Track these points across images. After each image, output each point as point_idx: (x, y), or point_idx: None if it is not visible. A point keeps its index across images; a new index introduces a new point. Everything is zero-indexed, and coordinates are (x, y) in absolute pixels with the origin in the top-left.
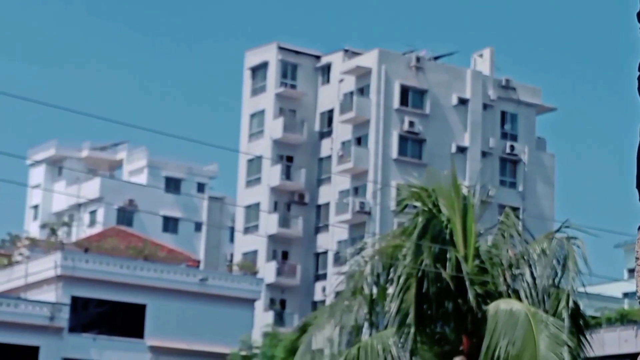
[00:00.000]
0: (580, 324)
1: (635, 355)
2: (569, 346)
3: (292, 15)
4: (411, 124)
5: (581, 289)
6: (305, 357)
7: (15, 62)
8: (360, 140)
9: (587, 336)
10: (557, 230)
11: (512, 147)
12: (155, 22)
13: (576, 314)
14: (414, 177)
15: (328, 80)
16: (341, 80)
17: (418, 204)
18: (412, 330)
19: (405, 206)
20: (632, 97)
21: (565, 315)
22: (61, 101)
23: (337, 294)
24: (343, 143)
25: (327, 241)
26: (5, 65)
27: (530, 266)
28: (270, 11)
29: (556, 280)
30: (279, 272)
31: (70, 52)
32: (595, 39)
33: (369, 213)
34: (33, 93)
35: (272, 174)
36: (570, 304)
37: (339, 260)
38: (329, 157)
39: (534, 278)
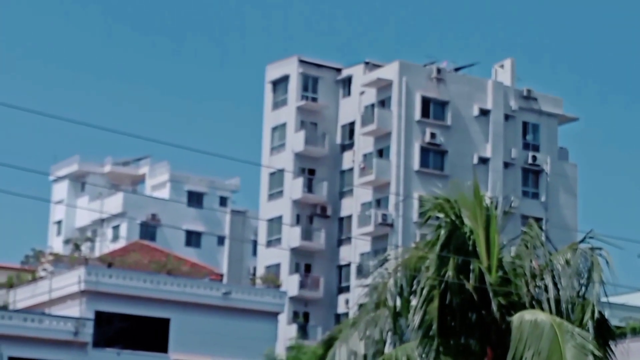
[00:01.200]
0: (605, 334)
1: None
2: (595, 356)
3: (312, 29)
4: (433, 135)
5: (605, 299)
6: None
7: (37, 77)
8: (382, 153)
9: (613, 346)
10: (582, 241)
11: (534, 158)
12: (176, 37)
13: (602, 324)
14: (437, 188)
15: (349, 93)
16: (362, 93)
17: (441, 215)
18: (436, 342)
19: (429, 218)
20: None
21: (590, 325)
22: (83, 117)
23: (361, 306)
24: (365, 155)
25: (349, 254)
26: (28, 81)
27: (554, 277)
28: (291, 25)
29: (581, 291)
30: (302, 285)
31: (91, 68)
32: (617, 48)
33: (391, 225)
34: (55, 109)
35: (294, 187)
36: (596, 314)
37: (361, 272)
38: (351, 169)
39: (558, 289)
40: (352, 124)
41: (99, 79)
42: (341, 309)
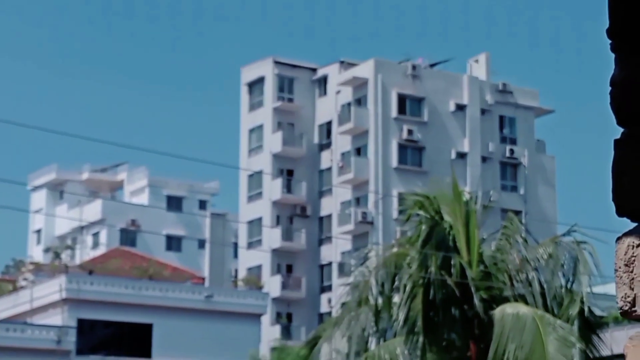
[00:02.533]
0: (591, 325)
1: None
2: (580, 348)
3: (286, 29)
4: (410, 132)
5: (588, 290)
6: None
7: (12, 87)
8: (359, 151)
9: (598, 337)
10: (565, 234)
11: (511, 151)
12: (150, 40)
13: (587, 315)
14: (416, 185)
15: (325, 92)
16: (338, 92)
17: (421, 212)
18: (421, 338)
19: (410, 216)
20: None
21: (576, 317)
22: (59, 125)
23: (343, 305)
24: (343, 154)
25: (330, 253)
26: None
27: (537, 270)
28: (265, 26)
29: (568, 284)
30: (284, 286)
31: (64, 74)
32: (591, 38)
33: (371, 223)
34: (30, 118)
35: (273, 188)
36: (585, 309)
37: (343, 271)
38: (329, 168)
39: (541, 282)
40: (329, 123)
41: (71, 86)
42: (324, 308)
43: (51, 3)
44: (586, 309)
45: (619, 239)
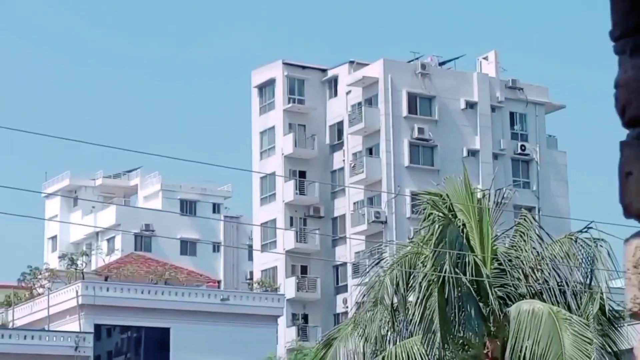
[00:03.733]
0: (610, 321)
1: None
2: (596, 343)
3: (295, 30)
4: (421, 130)
5: (607, 286)
6: None
7: (26, 95)
8: (371, 151)
9: (617, 331)
10: (581, 231)
11: (523, 147)
12: (160, 44)
13: (606, 311)
14: (428, 184)
15: (335, 93)
16: (348, 92)
17: (434, 211)
18: (438, 336)
19: (427, 215)
20: None
21: (593, 313)
22: (72, 132)
23: (359, 305)
24: (354, 154)
25: (345, 253)
26: (16, 99)
27: (554, 267)
28: (274, 28)
29: (587, 280)
30: (299, 287)
31: (76, 82)
32: (599, 32)
33: (384, 222)
34: (44, 126)
35: (285, 190)
36: (604, 303)
37: (358, 271)
38: (342, 169)
39: (558, 278)
40: (340, 124)
41: (84, 92)
42: (339, 308)
43: (63, 7)
44: (606, 305)
45: (626, 240)
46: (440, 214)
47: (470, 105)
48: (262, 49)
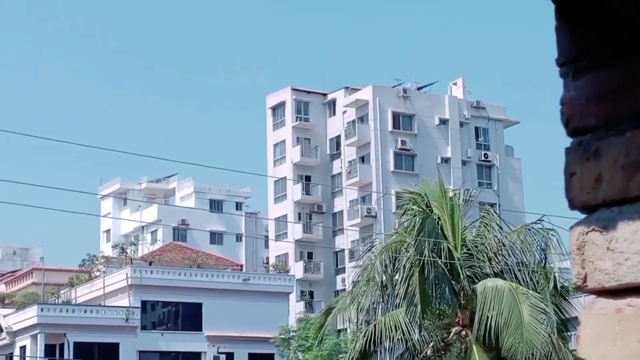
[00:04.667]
0: (560, 294)
1: None
2: (549, 312)
3: (301, 61)
4: (403, 142)
5: (557, 266)
6: (331, 338)
7: (79, 116)
8: (363, 159)
9: (566, 302)
10: (534, 223)
11: (485, 155)
12: (195, 71)
13: (557, 287)
14: (409, 185)
15: (334, 113)
16: (344, 112)
17: (415, 207)
18: (419, 308)
19: (406, 210)
20: None
21: (547, 289)
22: (123, 145)
23: (354, 283)
24: (350, 162)
25: (343, 242)
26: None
27: (513, 251)
28: (284, 58)
29: (542, 263)
30: (306, 269)
31: (127, 105)
32: (547, 60)
33: (375, 216)
34: (99, 141)
35: (294, 191)
36: (558, 283)
37: (353, 256)
38: (340, 173)
39: (516, 260)
40: (338, 137)
41: (132, 109)
42: (339, 286)
43: (123, 44)
44: (557, 282)
45: (571, 228)
46: (420, 210)
47: (443, 121)
48: (273, 75)
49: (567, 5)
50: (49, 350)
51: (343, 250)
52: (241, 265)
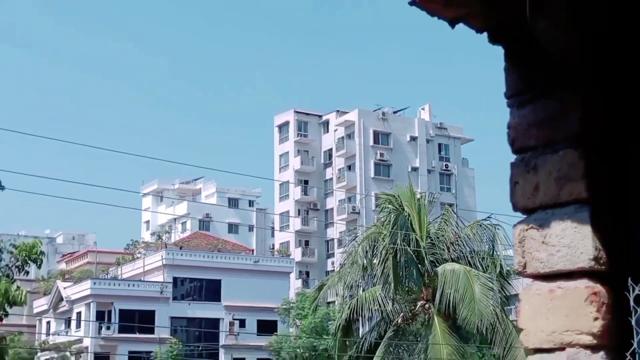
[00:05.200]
0: (505, 277)
1: None
2: (496, 290)
3: (302, 87)
4: (382, 155)
5: (500, 254)
6: (322, 309)
7: (122, 133)
8: (350, 167)
9: (509, 284)
10: (484, 219)
11: (446, 166)
12: (217, 93)
13: (503, 271)
14: (386, 189)
15: (327, 131)
16: (335, 130)
17: (390, 206)
18: (392, 285)
19: (384, 208)
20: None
21: (494, 272)
22: (161, 153)
23: (342, 265)
24: (339, 170)
25: (333, 232)
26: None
27: (467, 242)
28: (289, 85)
29: (490, 251)
30: (304, 254)
31: (162, 119)
32: (497, 91)
33: (358, 213)
34: (141, 149)
35: (295, 192)
36: (504, 267)
37: (341, 244)
38: (331, 179)
39: (469, 249)
40: (330, 150)
41: (164, 128)
42: (329, 267)
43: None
44: (503, 267)
45: (514, 225)
46: (394, 208)
47: (413, 138)
48: (281, 99)
49: (513, 50)
50: (99, 315)
51: (333, 239)
52: (252, 250)
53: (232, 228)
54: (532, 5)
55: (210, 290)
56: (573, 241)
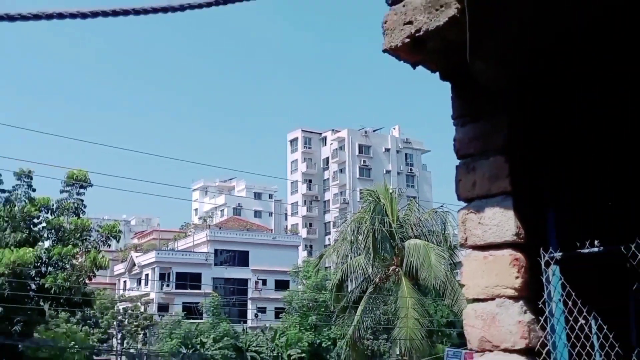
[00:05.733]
0: (453, 249)
1: None
2: (446, 259)
3: (307, 110)
4: (364, 161)
5: (450, 233)
6: (322, 272)
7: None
8: (342, 170)
9: (456, 254)
10: (438, 208)
11: (410, 169)
12: (250, 118)
13: (451, 245)
14: (367, 186)
15: (325, 144)
16: (331, 144)
17: (370, 198)
18: (372, 255)
19: (366, 200)
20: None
21: (445, 245)
22: (206, 159)
23: (335, 241)
24: (334, 172)
25: (330, 217)
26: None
27: (425, 224)
28: (298, 109)
29: (443, 230)
30: (308, 232)
31: (206, 133)
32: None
33: (347, 203)
34: (190, 155)
35: (302, 188)
36: (450, 241)
37: (336, 225)
38: (328, 179)
39: (427, 229)
40: (327, 158)
41: (211, 137)
42: (327, 242)
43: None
44: (452, 241)
45: (459, 211)
46: (373, 200)
47: (387, 149)
48: (291, 118)
49: (458, 84)
50: (161, 276)
51: (329, 222)
52: (271, 230)
53: (257, 214)
54: (471, 52)
55: (241, 258)
56: (501, 222)
